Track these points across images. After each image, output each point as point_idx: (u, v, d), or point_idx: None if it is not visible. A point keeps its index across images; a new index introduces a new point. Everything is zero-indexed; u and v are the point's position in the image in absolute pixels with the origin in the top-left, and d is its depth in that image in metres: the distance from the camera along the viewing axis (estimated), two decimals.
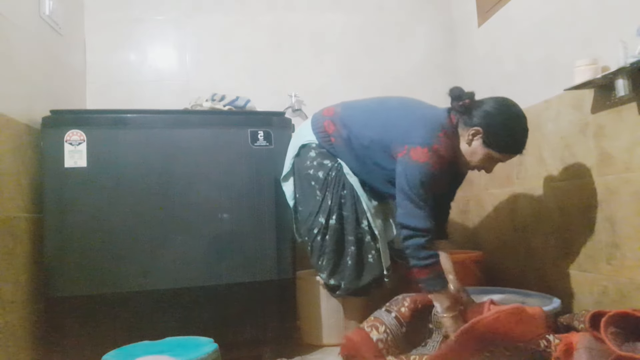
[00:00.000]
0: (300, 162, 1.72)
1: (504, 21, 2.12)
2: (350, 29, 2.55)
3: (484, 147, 1.49)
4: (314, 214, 1.66)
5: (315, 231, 1.66)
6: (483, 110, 1.49)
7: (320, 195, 1.66)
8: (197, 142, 1.72)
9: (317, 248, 1.67)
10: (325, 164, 1.67)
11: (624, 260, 1.46)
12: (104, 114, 1.71)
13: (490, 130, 1.47)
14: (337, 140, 1.66)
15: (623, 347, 1.15)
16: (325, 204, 1.65)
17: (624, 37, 1.35)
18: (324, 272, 1.68)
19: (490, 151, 1.49)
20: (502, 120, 1.48)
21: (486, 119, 1.48)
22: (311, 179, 1.67)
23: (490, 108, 1.49)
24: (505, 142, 1.48)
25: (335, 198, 1.64)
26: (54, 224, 1.59)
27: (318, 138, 1.70)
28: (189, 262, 1.67)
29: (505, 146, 1.49)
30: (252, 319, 1.71)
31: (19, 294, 1.53)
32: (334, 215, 1.64)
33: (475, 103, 1.52)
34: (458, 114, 1.54)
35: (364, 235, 1.65)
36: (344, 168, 1.66)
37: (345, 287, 1.65)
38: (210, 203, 1.70)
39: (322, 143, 1.69)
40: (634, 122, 1.40)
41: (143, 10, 2.40)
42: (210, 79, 2.39)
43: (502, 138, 1.48)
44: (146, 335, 1.43)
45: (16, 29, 1.63)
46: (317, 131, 1.71)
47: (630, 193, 1.43)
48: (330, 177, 1.65)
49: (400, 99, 1.71)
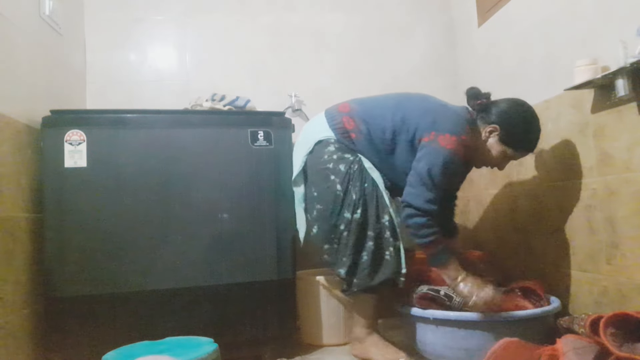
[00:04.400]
0: (315, 158, 1.68)
1: (504, 21, 2.11)
2: (350, 29, 2.55)
3: (500, 144, 1.58)
4: (338, 210, 1.61)
5: (343, 227, 1.61)
6: (500, 109, 1.59)
7: (341, 190, 1.61)
8: (197, 142, 1.72)
9: (343, 244, 1.61)
10: (346, 158, 1.64)
11: (624, 260, 1.46)
12: (104, 114, 1.71)
13: (507, 128, 1.57)
14: (358, 135, 1.66)
15: (622, 348, 1.15)
16: (349, 198, 1.60)
17: (624, 37, 1.35)
18: (342, 268, 1.61)
19: (505, 148, 1.58)
20: (518, 119, 1.58)
21: (503, 117, 1.58)
22: (330, 173, 1.63)
23: (507, 107, 1.59)
24: (521, 139, 1.58)
25: (360, 192, 1.60)
26: (54, 224, 1.59)
27: (336, 134, 1.68)
28: (189, 262, 1.67)
29: (520, 144, 1.59)
30: (252, 319, 1.71)
31: (19, 294, 1.53)
32: (359, 209, 1.59)
33: (492, 102, 1.62)
34: (475, 112, 1.63)
35: (383, 231, 1.60)
36: (366, 162, 1.64)
37: (357, 284, 1.60)
38: (210, 203, 1.70)
39: (342, 139, 1.67)
40: (634, 122, 1.40)
41: (143, 10, 2.40)
42: (210, 79, 2.39)
43: (519, 136, 1.58)
44: (146, 335, 1.43)
45: (16, 29, 1.63)
46: (335, 127, 1.68)
47: (630, 193, 1.43)
48: (353, 171, 1.62)
49: (413, 93, 1.74)
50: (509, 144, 1.58)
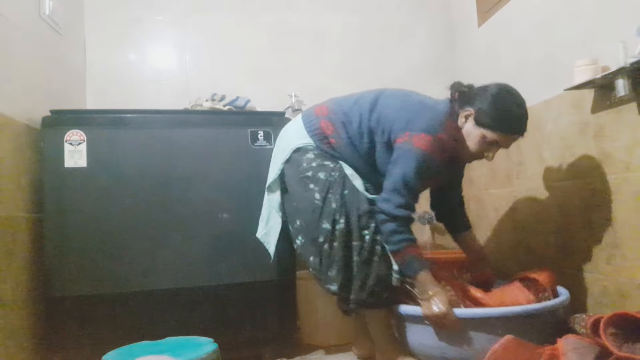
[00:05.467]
0: (294, 167, 1.57)
1: (504, 21, 2.11)
2: (350, 29, 2.55)
3: (477, 128, 1.46)
4: (316, 221, 1.51)
5: (322, 239, 1.50)
6: (474, 92, 1.50)
7: (319, 199, 1.51)
8: (197, 142, 1.72)
9: (326, 257, 1.51)
10: (326, 165, 1.54)
11: (624, 260, 1.46)
12: (104, 114, 1.71)
13: (480, 107, 1.45)
14: (338, 141, 1.55)
15: (623, 348, 1.15)
16: (328, 208, 1.49)
17: (624, 37, 1.35)
18: (334, 284, 1.50)
19: (483, 131, 1.45)
20: (491, 96, 1.45)
21: (476, 98, 1.47)
22: (309, 182, 1.53)
23: (481, 88, 1.50)
24: (496, 117, 1.44)
25: (340, 200, 1.49)
26: (54, 224, 1.59)
27: (315, 140, 1.57)
28: (189, 262, 1.67)
29: (496, 123, 1.44)
30: (252, 319, 1.71)
31: (19, 294, 1.53)
32: (342, 219, 1.48)
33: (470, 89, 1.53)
34: (457, 103, 1.53)
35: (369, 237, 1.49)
36: (347, 169, 1.54)
37: (354, 300, 1.49)
38: (210, 203, 1.70)
39: (321, 145, 1.56)
40: (634, 122, 1.40)
41: (143, 10, 2.40)
42: (210, 79, 2.39)
43: (493, 114, 1.44)
44: (146, 335, 1.43)
45: (16, 29, 1.63)
46: (313, 133, 1.58)
47: (630, 193, 1.43)
48: (333, 178, 1.51)
49: (395, 90, 1.63)
50: (485, 125, 1.44)
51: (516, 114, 1.46)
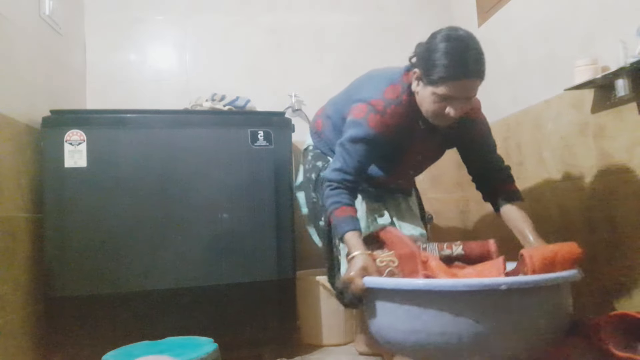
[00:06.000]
0: (304, 167, 1.73)
1: (504, 21, 2.11)
2: (350, 29, 2.55)
3: (425, 87, 1.29)
4: (314, 219, 1.67)
5: (319, 236, 1.68)
6: (418, 49, 1.33)
7: (315, 197, 1.64)
8: (197, 142, 1.72)
9: (324, 253, 1.64)
10: (317, 166, 1.65)
11: (624, 261, 1.46)
12: (104, 114, 1.71)
13: (421, 63, 1.28)
14: (326, 135, 1.65)
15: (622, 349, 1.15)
16: (318, 206, 1.62)
17: (624, 37, 1.35)
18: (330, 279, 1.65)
19: (430, 88, 1.27)
20: (426, 45, 1.29)
21: (418, 54, 1.32)
22: (309, 182, 1.67)
23: (423, 42, 1.32)
24: (435, 67, 1.23)
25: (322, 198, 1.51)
26: (54, 224, 1.59)
27: (313, 139, 1.70)
28: (189, 262, 1.67)
29: (437, 72, 1.23)
30: (252, 319, 1.71)
31: (19, 294, 1.53)
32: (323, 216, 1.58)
33: (419, 47, 1.36)
34: (412, 67, 1.37)
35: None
36: None
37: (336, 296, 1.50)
38: (210, 203, 1.70)
39: (316, 143, 1.69)
40: (634, 122, 1.40)
41: (143, 10, 2.40)
42: (210, 79, 2.39)
43: (431, 65, 1.24)
44: (146, 335, 1.43)
45: (16, 29, 1.63)
46: (312, 132, 1.72)
47: (630, 193, 1.43)
48: (320, 178, 1.59)
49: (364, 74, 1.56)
50: (430, 81, 1.25)
51: (456, 55, 1.22)
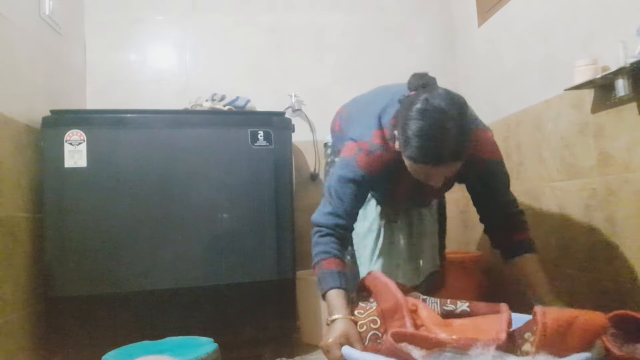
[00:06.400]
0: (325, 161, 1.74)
1: (504, 21, 2.11)
2: (350, 29, 2.55)
3: (404, 155, 1.16)
4: None
5: None
6: (400, 109, 1.19)
7: None
8: (197, 142, 1.72)
9: None
10: (335, 161, 1.65)
11: (624, 261, 1.46)
12: (104, 114, 1.71)
13: (399, 130, 1.16)
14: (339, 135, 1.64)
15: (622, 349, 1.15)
16: None
17: (624, 37, 1.35)
18: None
19: (407, 161, 1.16)
20: (406, 110, 1.13)
21: (396, 118, 1.20)
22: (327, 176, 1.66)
23: (403, 107, 1.16)
24: (409, 144, 1.11)
25: None
26: (54, 224, 1.59)
27: (333, 137, 1.69)
28: (189, 262, 1.67)
29: (410, 151, 1.11)
30: (252, 319, 1.71)
31: (19, 294, 1.53)
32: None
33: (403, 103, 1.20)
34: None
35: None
36: None
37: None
38: (210, 203, 1.70)
39: (334, 140, 1.68)
40: (634, 122, 1.40)
41: (143, 10, 2.40)
42: (210, 79, 2.39)
43: (406, 139, 1.12)
44: (146, 335, 1.43)
45: (16, 29, 1.63)
46: (332, 130, 1.70)
47: (630, 193, 1.43)
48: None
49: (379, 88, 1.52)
50: (406, 155, 1.14)
51: (429, 138, 1.08)
